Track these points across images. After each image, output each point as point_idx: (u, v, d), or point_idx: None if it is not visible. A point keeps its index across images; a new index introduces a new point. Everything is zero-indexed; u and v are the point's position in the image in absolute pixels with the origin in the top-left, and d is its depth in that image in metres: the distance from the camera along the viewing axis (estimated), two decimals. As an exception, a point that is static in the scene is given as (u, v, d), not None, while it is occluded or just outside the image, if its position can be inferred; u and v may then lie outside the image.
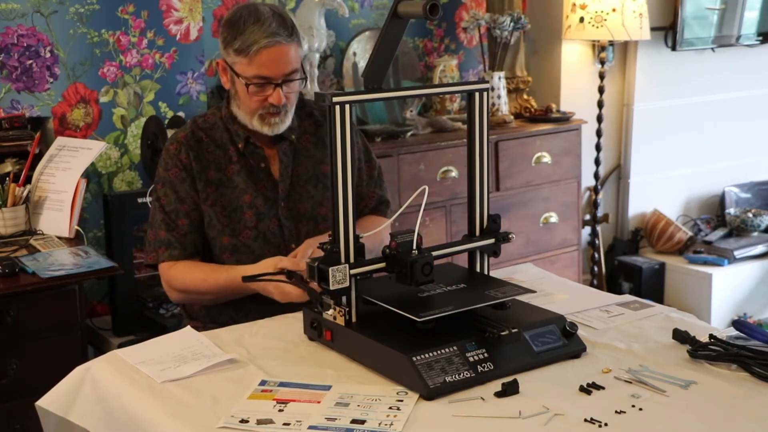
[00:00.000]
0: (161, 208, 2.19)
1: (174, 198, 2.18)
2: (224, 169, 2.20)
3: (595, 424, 1.41)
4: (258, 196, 2.19)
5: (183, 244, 2.17)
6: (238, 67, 2.12)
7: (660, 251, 4.51)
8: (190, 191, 2.18)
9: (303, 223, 2.22)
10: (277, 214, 2.20)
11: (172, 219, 2.18)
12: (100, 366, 1.73)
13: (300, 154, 2.25)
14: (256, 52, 2.08)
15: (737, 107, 4.74)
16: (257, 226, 2.18)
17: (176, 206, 2.18)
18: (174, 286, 2.18)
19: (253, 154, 2.21)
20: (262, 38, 2.07)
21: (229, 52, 2.13)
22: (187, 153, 2.19)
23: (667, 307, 1.98)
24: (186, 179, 2.18)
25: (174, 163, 2.19)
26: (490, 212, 1.86)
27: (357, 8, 3.74)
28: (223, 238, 2.18)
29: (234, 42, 2.10)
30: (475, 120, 1.82)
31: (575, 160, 3.94)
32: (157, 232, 2.20)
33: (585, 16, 3.93)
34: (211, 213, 2.18)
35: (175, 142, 2.21)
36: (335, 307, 1.71)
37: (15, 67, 3.00)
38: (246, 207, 2.18)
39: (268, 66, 2.10)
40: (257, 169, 2.21)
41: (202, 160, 2.19)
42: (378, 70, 1.74)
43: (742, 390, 1.54)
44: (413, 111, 3.71)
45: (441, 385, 1.52)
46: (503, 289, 1.74)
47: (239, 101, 2.17)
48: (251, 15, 2.11)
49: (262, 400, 1.54)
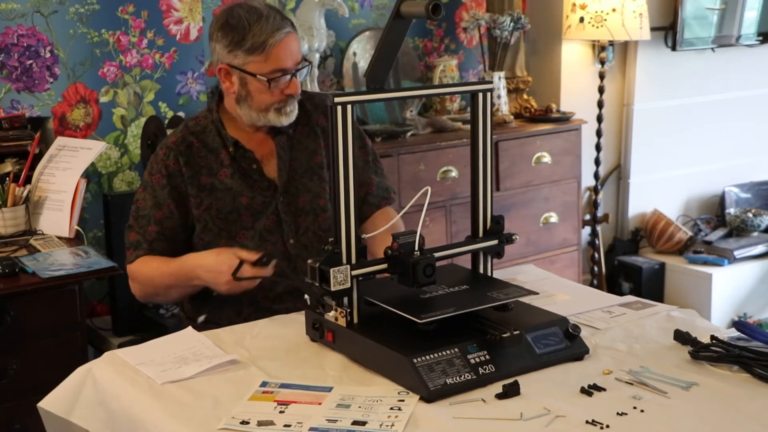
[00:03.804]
0: (136, 211, 2.20)
1: (150, 204, 2.17)
2: (216, 173, 2.18)
3: (596, 425, 1.41)
4: (255, 196, 2.19)
5: (151, 248, 2.17)
6: (252, 66, 2.11)
7: (660, 251, 4.51)
8: (168, 199, 2.16)
9: (302, 216, 2.21)
10: (275, 210, 2.20)
11: (144, 224, 2.17)
12: (101, 367, 1.73)
13: (295, 147, 2.25)
14: (272, 46, 2.09)
15: (737, 107, 4.74)
16: (254, 226, 2.18)
17: (150, 212, 2.17)
18: (133, 278, 2.20)
19: (243, 157, 2.19)
20: (274, 33, 2.09)
21: (237, 54, 2.11)
22: (176, 159, 2.17)
23: (668, 306, 1.98)
24: (166, 186, 2.16)
25: (158, 169, 2.17)
26: (493, 213, 1.86)
27: (357, 8, 3.73)
28: (220, 241, 2.16)
29: (243, 42, 2.09)
30: (479, 120, 1.81)
31: (575, 160, 3.94)
32: (128, 234, 2.21)
33: (585, 16, 3.93)
34: (206, 217, 2.17)
35: (165, 147, 2.19)
36: (337, 309, 1.70)
37: (15, 67, 3.00)
38: (243, 208, 2.17)
39: (284, 58, 2.11)
40: (250, 171, 2.20)
41: (193, 165, 2.17)
42: (380, 71, 1.74)
43: (743, 391, 1.53)
44: (413, 111, 3.70)
45: (442, 386, 1.52)
46: (505, 291, 1.74)
47: (251, 101, 2.15)
48: (251, 13, 2.11)
49: (263, 402, 1.54)
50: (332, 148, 1.65)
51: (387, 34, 1.74)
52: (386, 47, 1.75)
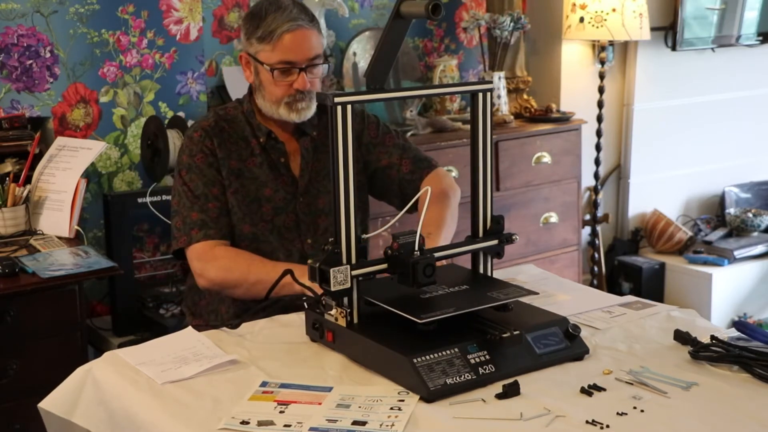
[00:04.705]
0: (189, 193, 2.18)
1: (202, 183, 2.18)
2: (245, 160, 2.22)
3: (596, 425, 1.41)
4: (278, 189, 2.22)
5: (218, 225, 2.16)
6: (261, 55, 2.16)
7: (660, 251, 4.51)
8: (217, 176, 2.19)
9: (321, 218, 2.25)
10: (294, 209, 2.23)
11: (203, 202, 2.17)
12: (101, 367, 1.73)
13: (319, 150, 2.28)
14: (279, 36, 2.13)
15: (737, 107, 4.74)
16: (273, 220, 2.21)
17: (205, 190, 2.18)
18: (213, 267, 2.11)
19: (274, 148, 2.23)
20: (284, 23, 2.13)
21: (252, 42, 2.17)
22: (212, 140, 2.20)
23: (668, 306, 1.98)
24: (213, 164, 2.19)
25: (200, 149, 2.20)
26: (493, 213, 1.86)
27: (357, 8, 3.73)
28: (244, 226, 2.19)
29: (257, 31, 2.15)
30: (479, 121, 1.81)
31: (575, 160, 3.94)
32: (188, 216, 2.16)
33: (585, 16, 3.93)
34: (233, 201, 2.20)
35: (200, 129, 2.22)
36: (337, 308, 1.70)
37: (15, 67, 3.00)
38: (264, 200, 2.20)
39: (292, 50, 2.13)
40: (277, 163, 2.23)
41: (224, 149, 2.21)
42: (380, 71, 1.74)
43: (743, 391, 1.54)
44: (413, 111, 3.70)
45: (442, 387, 1.52)
46: (505, 291, 1.74)
47: (264, 92, 2.19)
48: (272, 5, 2.16)
49: (263, 402, 1.54)
50: (332, 148, 1.65)
51: (387, 34, 1.75)
52: (386, 47, 1.75)
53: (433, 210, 2.16)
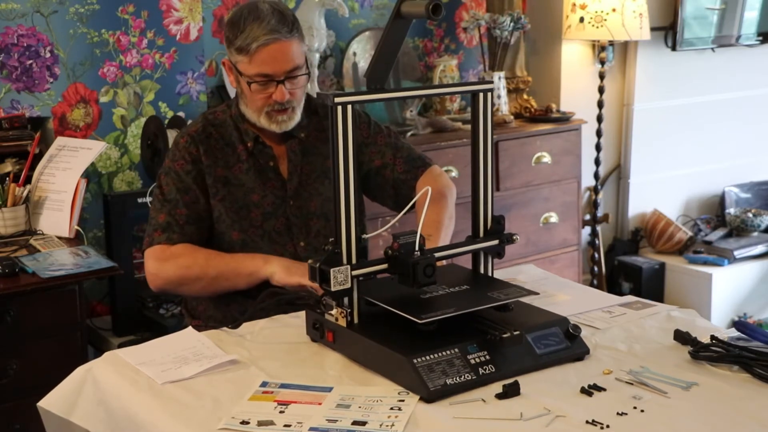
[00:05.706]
0: (161, 196, 2.18)
1: (175, 188, 2.17)
2: (232, 167, 2.20)
3: (596, 425, 1.41)
4: (267, 195, 2.20)
5: (183, 231, 2.14)
6: (240, 65, 2.13)
7: (660, 251, 4.51)
8: (193, 184, 2.17)
9: (314, 220, 2.22)
10: (285, 212, 2.21)
11: (172, 206, 2.16)
12: (101, 366, 1.73)
13: (309, 152, 2.25)
14: (256, 49, 2.09)
15: (737, 107, 4.74)
16: (263, 226, 2.19)
17: (177, 195, 2.16)
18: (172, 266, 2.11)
19: (262, 153, 2.21)
20: (261, 36, 2.08)
21: (231, 52, 2.14)
22: (197, 147, 2.19)
23: (668, 306, 1.98)
24: (191, 172, 2.17)
25: (182, 155, 2.19)
26: (493, 213, 1.86)
27: (357, 8, 3.73)
28: (233, 233, 2.18)
29: (235, 41, 2.11)
30: (479, 121, 1.82)
31: (575, 160, 3.94)
32: (155, 218, 2.16)
33: (585, 16, 3.93)
34: (221, 208, 2.18)
35: (186, 136, 2.21)
36: (337, 308, 1.70)
37: (15, 67, 3.00)
38: (253, 206, 2.19)
39: (269, 63, 2.10)
40: (266, 168, 2.21)
41: (211, 156, 2.19)
42: (380, 71, 1.74)
43: (743, 391, 1.53)
44: (413, 111, 3.70)
45: (442, 387, 1.52)
46: (506, 291, 1.74)
47: (246, 100, 2.17)
48: (251, 13, 2.11)
49: (263, 402, 1.54)
50: (332, 148, 1.65)
51: (387, 34, 1.74)
52: (386, 47, 1.75)
53: (430, 211, 2.16)
